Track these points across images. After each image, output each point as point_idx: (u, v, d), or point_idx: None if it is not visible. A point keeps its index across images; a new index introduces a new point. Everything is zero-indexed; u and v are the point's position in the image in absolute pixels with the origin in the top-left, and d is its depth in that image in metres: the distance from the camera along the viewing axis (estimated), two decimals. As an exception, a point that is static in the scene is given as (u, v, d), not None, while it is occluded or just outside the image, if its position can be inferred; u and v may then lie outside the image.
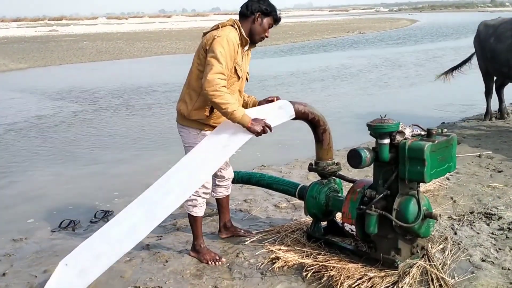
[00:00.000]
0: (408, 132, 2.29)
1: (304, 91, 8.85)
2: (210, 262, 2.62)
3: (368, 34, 25.68)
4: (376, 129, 2.26)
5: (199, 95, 2.51)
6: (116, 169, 4.74)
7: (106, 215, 3.44)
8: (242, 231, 2.98)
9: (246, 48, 2.58)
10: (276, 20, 2.62)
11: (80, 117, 7.32)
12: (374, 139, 2.35)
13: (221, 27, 2.50)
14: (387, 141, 2.26)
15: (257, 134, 2.42)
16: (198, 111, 2.54)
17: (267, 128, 2.44)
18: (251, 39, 2.56)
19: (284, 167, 4.44)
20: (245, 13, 2.55)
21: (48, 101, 8.80)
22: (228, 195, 2.95)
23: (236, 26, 2.51)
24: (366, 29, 28.94)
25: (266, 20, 2.55)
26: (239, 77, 2.54)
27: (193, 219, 2.70)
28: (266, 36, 2.61)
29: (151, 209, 2.30)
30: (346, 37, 24.39)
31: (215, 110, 2.52)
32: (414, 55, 14.83)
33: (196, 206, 2.66)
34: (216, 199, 2.93)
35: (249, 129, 2.41)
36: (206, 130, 2.60)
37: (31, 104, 8.57)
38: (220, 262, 2.62)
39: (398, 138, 2.26)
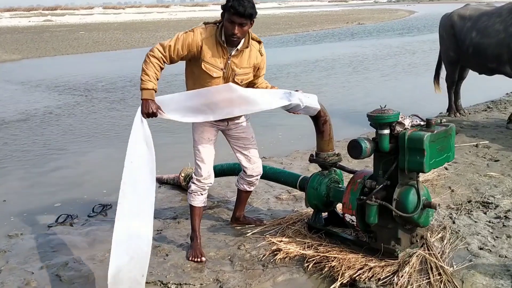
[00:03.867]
0: (407, 122, 2.31)
1: (305, 81, 8.85)
2: (190, 259, 2.62)
3: (368, 25, 25.61)
4: (376, 120, 2.28)
5: (188, 85, 2.61)
6: (114, 161, 4.72)
7: (104, 209, 3.41)
8: (253, 221, 3.00)
9: (234, 50, 2.49)
10: (236, 12, 2.32)
11: (77, 109, 7.28)
12: (374, 130, 2.37)
13: (205, 25, 2.52)
14: (387, 131, 2.28)
15: (143, 113, 2.38)
16: None
17: (151, 112, 2.38)
18: (226, 39, 2.46)
19: (285, 158, 4.45)
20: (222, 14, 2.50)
21: (43, 93, 8.72)
22: (250, 192, 2.94)
23: (219, 25, 2.49)
24: (365, 20, 28.86)
25: (227, 15, 2.38)
26: (212, 78, 2.49)
27: (190, 209, 2.74)
28: (234, 33, 2.38)
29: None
30: (346, 27, 24.32)
31: None
32: (418, 45, 14.75)
33: (191, 193, 2.69)
34: (238, 190, 2.96)
35: (141, 105, 2.39)
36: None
37: (23, 96, 8.50)
38: (199, 260, 2.58)
39: (398, 128, 2.28)
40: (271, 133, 5.31)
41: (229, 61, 2.50)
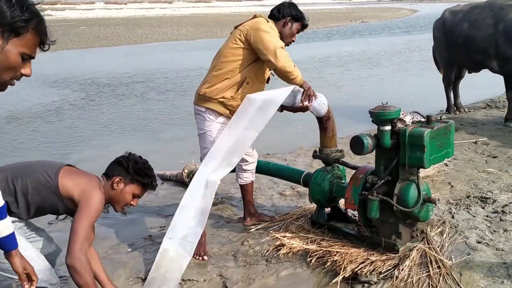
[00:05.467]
0: (408, 119, 2.35)
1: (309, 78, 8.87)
2: (192, 256, 2.62)
3: (371, 23, 25.59)
4: (378, 116, 2.32)
5: (226, 77, 2.60)
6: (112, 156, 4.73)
7: (106, 207, 3.41)
8: (267, 217, 3.02)
9: None
10: (304, 26, 2.71)
11: (80, 104, 7.30)
12: (376, 127, 2.41)
13: (261, 16, 2.62)
14: (388, 127, 2.31)
15: (305, 92, 2.57)
16: (223, 91, 2.61)
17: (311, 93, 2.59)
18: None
19: (289, 155, 4.49)
20: (276, 16, 2.65)
21: (51, 88, 8.71)
22: (253, 181, 2.99)
23: (270, 23, 2.60)
24: (369, 18, 28.82)
25: (295, 25, 2.67)
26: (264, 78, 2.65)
27: None
28: (293, 41, 2.70)
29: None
30: (350, 25, 24.29)
31: (240, 90, 2.61)
32: (424, 43, 14.74)
33: None
34: (240, 185, 2.96)
35: (302, 86, 2.58)
36: (223, 117, 2.65)
37: (32, 92, 8.50)
38: (200, 258, 2.61)
39: (399, 125, 2.31)
40: (275, 130, 5.35)
41: None
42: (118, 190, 2.07)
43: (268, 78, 2.78)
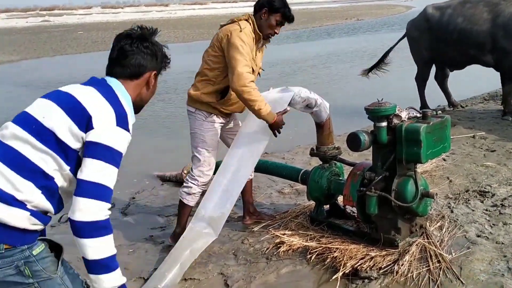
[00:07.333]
0: (404, 114, 2.36)
1: (306, 77, 8.89)
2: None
3: (367, 21, 25.58)
4: (374, 113, 2.33)
5: (211, 83, 2.59)
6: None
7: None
8: (266, 216, 3.03)
9: (261, 43, 2.61)
10: (287, 17, 2.57)
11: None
12: (372, 123, 2.42)
13: (237, 21, 2.54)
14: (384, 124, 2.32)
15: (275, 134, 2.54)
16: (209, 95, 2.61)
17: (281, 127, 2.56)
18: (262, 35, 2.58)
19: (287, 153, 4.50)
20: (255, 8, 2.61)
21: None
22: (251, 179, 2.99)
23: (250, 21, 2.55)
24: (364, 16, 28.82)
25: (273, 17, 2.55)
26: (253, 71, 2.57)
27: (182, 206, 2.72)
28: (276, 33, 2.60)
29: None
30: (345, 23, 24.30)
31: (226, 97, 2.59)
32: None
33: (190, 194, 2.69)
34: None
35: (271, 126, 2.51)
36: (213, 115, 2.65)
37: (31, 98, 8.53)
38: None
39: (395, 121, 2.33)
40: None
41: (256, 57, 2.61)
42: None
43: (259, 73, 2.74)
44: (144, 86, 1.53)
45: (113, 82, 1.47)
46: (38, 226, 1.37)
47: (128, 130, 1.41)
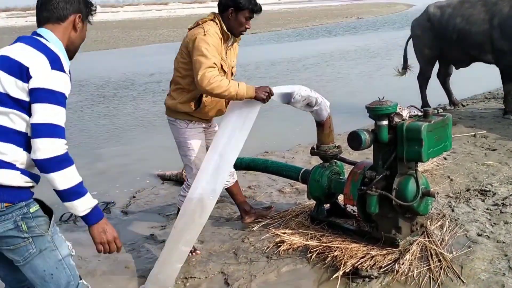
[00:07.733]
0: (405, 113, 2.35)
1: (302, 75, 8.89)
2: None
3: (368, 19, 25.56)
4: (375, 111, 2.33)
5: (185, 91, 2.55)
6: (114, 160, 4.77)
7: (107, 207, 3.44)
8: (264, 211, 3.01)
9: (230, 42, 2.56)
10: (254, 11, 2.51)
11: (79, 107, 7.32)
12: (373, 122, 2.41)
13: (202, 23, 2.49)
14: (385, 122, 2.32)
15: (264, 100, 2.44)
16: (185, 104, 2.56)
17: (268, 92, 2.45)
18: (232, 33, 2.52)
19: (287, 152, 4.50)
20: (219, 9, 2.52)
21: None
22: (236, 181, 2.94)
23: (217, 21, 2.49)
24: (364, 14, 28.79)
25: (241, 14, 2.48)
26: (225, 72, 2.52)
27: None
28: (247, 28, 2.54)
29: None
30: (345, 22, 24.27)
31: (201, 105, 2.55)
32: None
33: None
34: (225, 189, 2.89)
35: (256, 98, 2.43)
36: (194, 122, 2.62)
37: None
38: (194, 254, 2.63)
39: (396, 119, 2.32)
40: (272, 128, 5.36)
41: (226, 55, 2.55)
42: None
43: (232, 73, 2.67)
44: (72, 29, 1.64)
45: (43, 31, 1.60)
46: (31, 183, 1.54)
47: (64, 71, 1.53)
